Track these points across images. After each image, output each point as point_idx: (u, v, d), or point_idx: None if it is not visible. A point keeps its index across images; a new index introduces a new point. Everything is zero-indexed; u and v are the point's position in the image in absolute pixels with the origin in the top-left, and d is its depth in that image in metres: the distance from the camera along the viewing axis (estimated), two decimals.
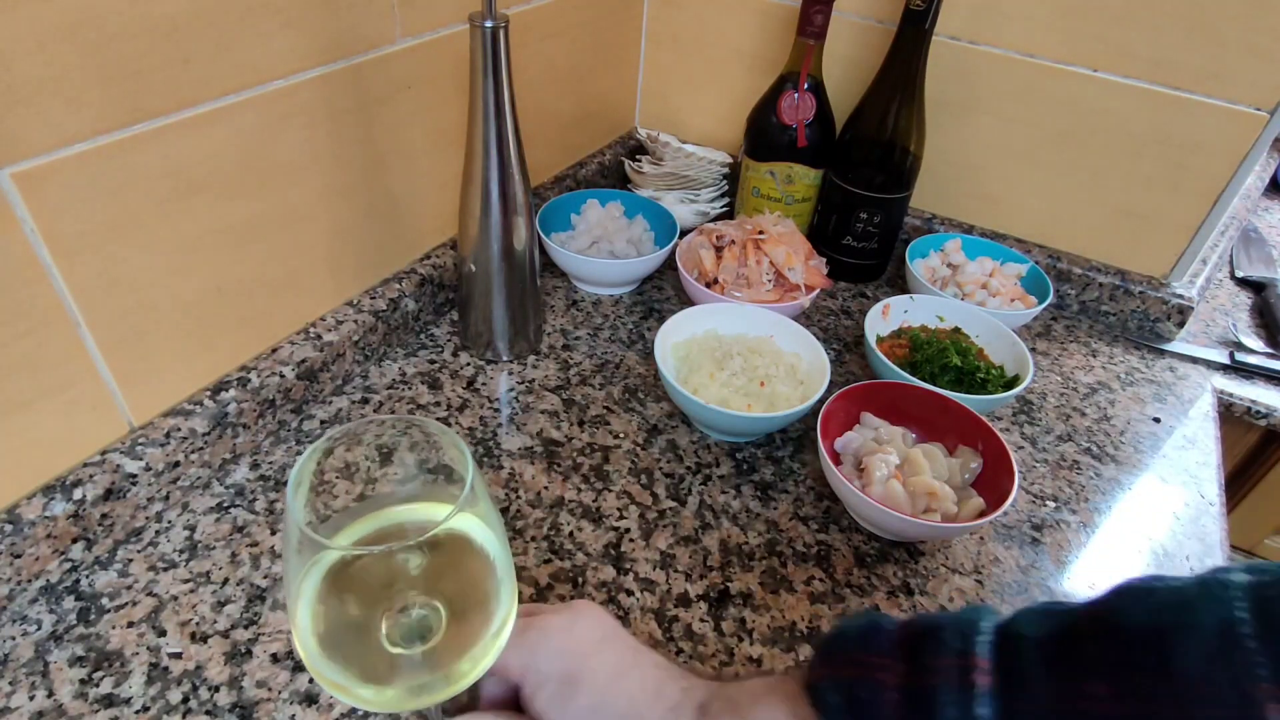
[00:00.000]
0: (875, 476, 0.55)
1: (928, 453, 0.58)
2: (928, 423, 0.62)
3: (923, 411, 0.62)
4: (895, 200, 0.81)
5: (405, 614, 0.35)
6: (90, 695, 0.44)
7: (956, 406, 0.60)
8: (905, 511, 0.53)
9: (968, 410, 0.60)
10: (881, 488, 0.55)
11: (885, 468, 0.56)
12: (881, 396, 0.62)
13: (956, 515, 0.55)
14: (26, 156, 0.41)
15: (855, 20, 0.84)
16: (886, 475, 0.56)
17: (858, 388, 0.61)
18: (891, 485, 0.55)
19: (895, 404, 0.62)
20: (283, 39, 0.52)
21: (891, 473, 0.56)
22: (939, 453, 0.58)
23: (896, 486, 0.55)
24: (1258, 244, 1.04)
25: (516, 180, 0.62)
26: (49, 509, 0.47)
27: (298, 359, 0.61)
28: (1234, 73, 0.71)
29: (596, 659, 0.37)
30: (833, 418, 0.60)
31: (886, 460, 0.56)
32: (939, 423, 0.61)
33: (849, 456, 0.60)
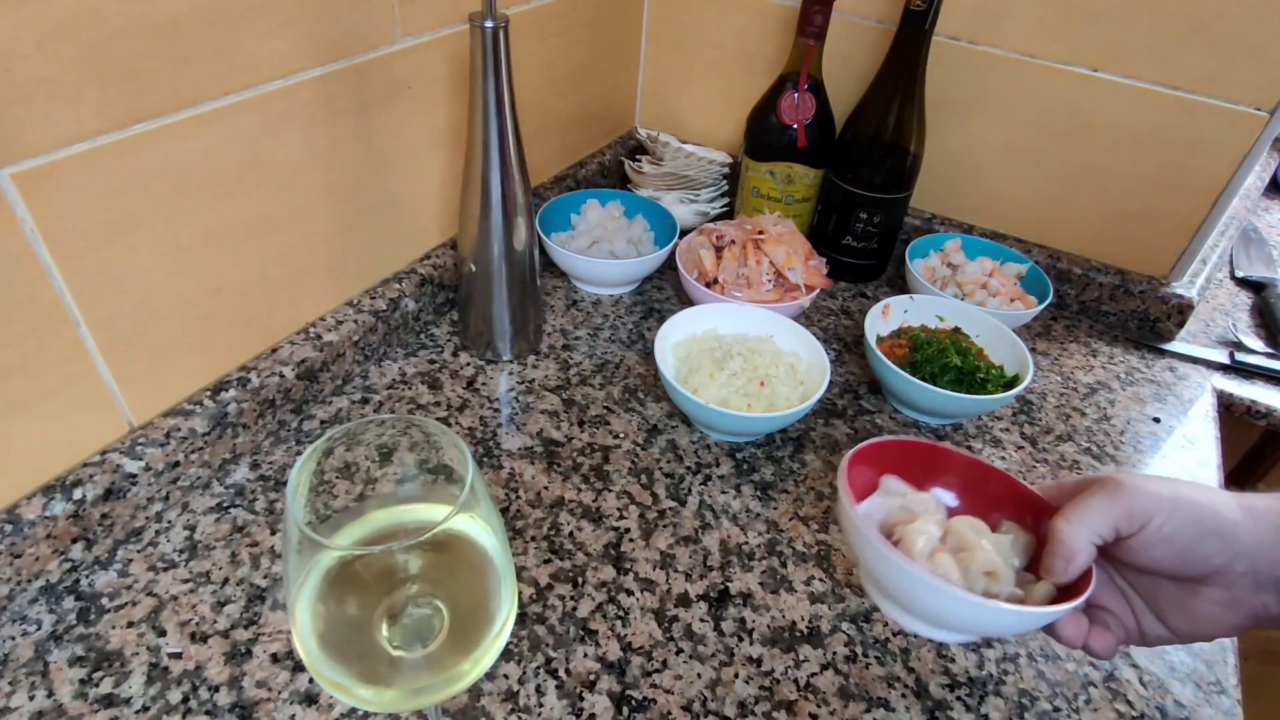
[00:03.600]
0: (916, 549, 0.42)
1: (975, 527, 0.44)
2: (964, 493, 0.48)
3: (957, 479, 0.48)
4: (895, 200, 0.81)
5: (405, 614, 0.35)
6: (90, 695, 0.44)
7: (1000, 475, 0.47)
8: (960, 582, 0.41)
9: (1013, 480, 0.46)
10: (926, 563, 0.42)
11: (926, 540, 0.43)
12: (907, 458, 0.48)
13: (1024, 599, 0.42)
14: (26, 156, 0.41)
15: (855, 20, 0.84)
16: (929, 549, 0.43)
17: (874, 446, 0.47)
18: (940, 560, 0.42)
19: (922, 468, 0.48)
20: (283, 39, 0.52)
21: (935, 546, 0.43)
22: (984, 527, 0.45)
23: (946, 560, 0.42)
24: (1258, 244, 1.04)
25: (516, 180, 0.62)
26: (49, 509, 0.47)
27: (298, 359, 0.61)
28: (1234, 73, 0.71)
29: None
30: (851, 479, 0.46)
31: (926, 531, 0.43)
32: (977, 493, 0.48)
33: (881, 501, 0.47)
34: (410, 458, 0.37)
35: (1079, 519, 0.38)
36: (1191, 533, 0.36)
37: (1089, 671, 0.51)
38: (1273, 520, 0.36)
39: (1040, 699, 0.49)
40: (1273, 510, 0.36)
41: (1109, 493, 0.38)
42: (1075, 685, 0.50)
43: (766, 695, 0.48)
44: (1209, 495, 0.37)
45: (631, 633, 0.50)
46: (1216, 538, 0.36)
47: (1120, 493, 0.37)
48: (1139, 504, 0.37)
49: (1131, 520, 0.37)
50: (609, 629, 0.50)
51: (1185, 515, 0.36)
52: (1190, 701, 0.50)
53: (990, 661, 0.51)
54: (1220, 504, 0.37)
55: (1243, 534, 0.36)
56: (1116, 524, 0.38)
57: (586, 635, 0.50)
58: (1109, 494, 0.38)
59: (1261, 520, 0.36)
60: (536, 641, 0.49)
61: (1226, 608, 0.38)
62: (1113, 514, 0.37)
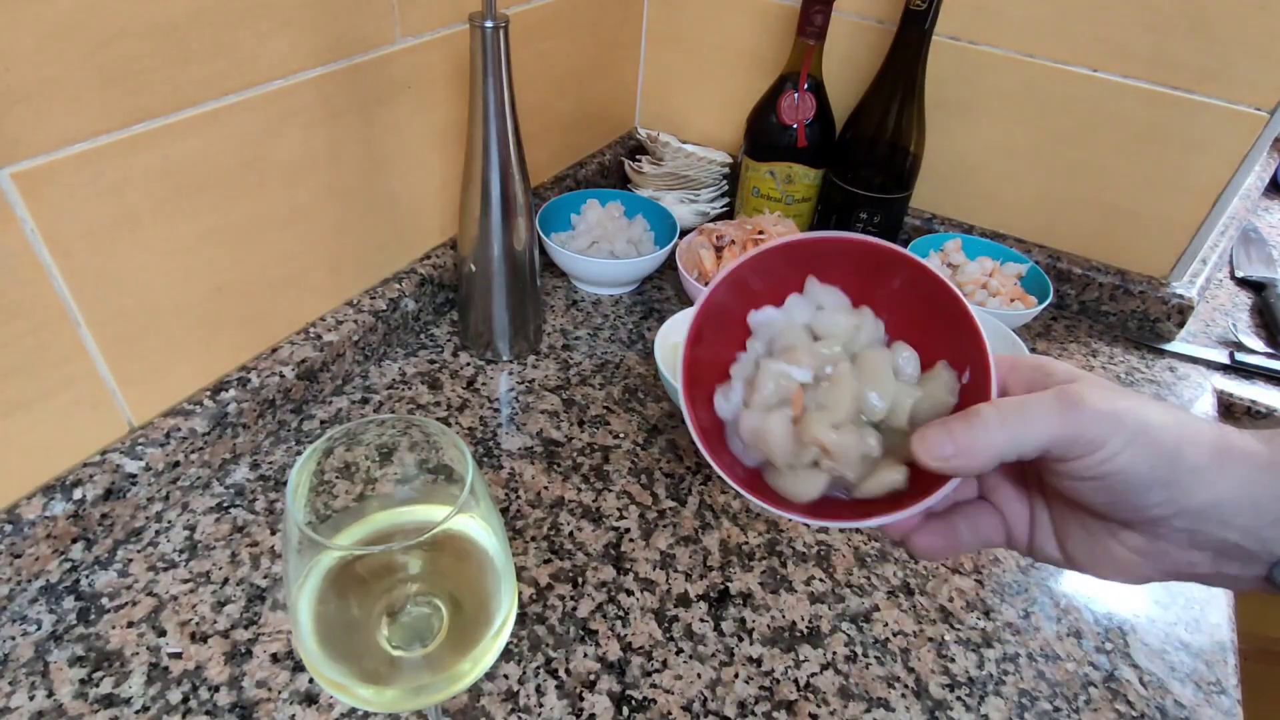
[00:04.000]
0: (757, 397, 0.34)
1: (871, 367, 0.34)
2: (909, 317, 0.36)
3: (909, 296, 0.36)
4: (895, 200, 0.81)
5: (405, 614, 0.35)
6: (90, 695, 0.44)
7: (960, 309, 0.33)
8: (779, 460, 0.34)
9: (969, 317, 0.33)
10: (757, 418, 0.34)
11: (777, 391, 0.34)
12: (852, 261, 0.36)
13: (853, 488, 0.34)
14: (26, 156, 0.41)
15: (855, 20, 0.84)
16: (775, 399, 0.34)
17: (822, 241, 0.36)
18: (770, 419, 0.34)
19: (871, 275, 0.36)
20: (282, 39, 0.52)
21: (788, 396, 0.34)
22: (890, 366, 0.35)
23: (776, 422, 0.33)
24: (1258, 244, 1.04)
25: (516, 180, 0.62)
26: (49, 509, 0.47)
27: (298, 359, 0.61)
28: (1234, 73, 0.71)
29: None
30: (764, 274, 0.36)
31: (785, 372, 0.34)
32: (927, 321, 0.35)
33: (757, 348, 0.37)
34: (410, 458, 0.37)
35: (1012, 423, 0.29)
36: (1137, 476, 0.28)
37: (1089, 671, 0.51)
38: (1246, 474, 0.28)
39: (1040, 699, 0.49)
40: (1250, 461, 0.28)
41: (1061, 407, 0.29)
42: (1075, 685, 0.50)
43: (766, 695, 0.48)
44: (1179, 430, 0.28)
45: (631, 633, 0.50)
46: (1165, 488, 0.28)
47: (1074, 412, 0.28)
48: (1092, 429, 0.28)
49: (1071, 447, 0.29)
50: (609, 629, 0.50)
51: (1140, 455, 0.28)
52: (1190, 701, 0.50)
53: (990, 661, 0.51)
54: (1187, 444, 0.28)
55: (1200, 489, 0.28)
56: (1051, 446, 0.29)
57: (586, 635, 0.50)
58: (1060, 408, 0.29)
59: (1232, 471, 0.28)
60: (536, 641, 0.49)
61: (1144, 557, 0.31)
62: (1050, 434, 0.29)
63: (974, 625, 0.53)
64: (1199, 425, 0.29)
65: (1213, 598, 0.57)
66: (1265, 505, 0.28)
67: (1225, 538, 0.29)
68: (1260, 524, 0.28)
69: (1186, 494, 0.29)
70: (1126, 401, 0.29)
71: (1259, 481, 0.28)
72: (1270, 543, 0.29)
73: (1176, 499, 0.29)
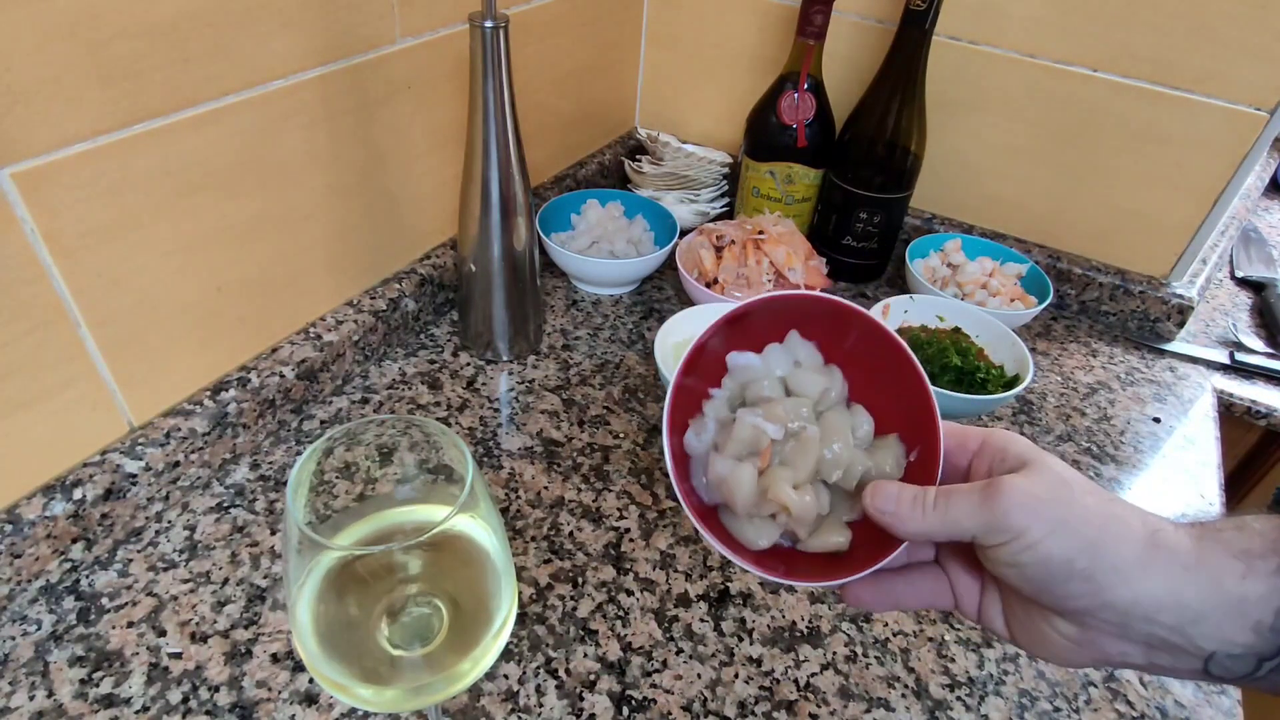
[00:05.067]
0: (731, 445, 0.36)
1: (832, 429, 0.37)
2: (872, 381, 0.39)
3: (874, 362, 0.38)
4: (895, 200, 0.81)
5: (405, 614, 0.35)
6: (90, 695, 0.44)
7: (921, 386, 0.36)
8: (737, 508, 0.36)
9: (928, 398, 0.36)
10: (726, 468, 0.36)
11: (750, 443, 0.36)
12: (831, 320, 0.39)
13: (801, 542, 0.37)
14: (26, 156, 0.41)
15: (855, 20, 0.84)
16: (746, 450, 0.36)
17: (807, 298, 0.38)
18: (739, 473, 0.35)
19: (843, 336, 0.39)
20: (282, 39, 0.52)
21: (758, 449, 0.36)
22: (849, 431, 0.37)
23: (744, 476, 0.35)
24: (1258, 244, 1.04)
25: (516, 180, 0.62)
26: (49, 509, 0.47)
27: (298, 359, 0.61)
28: (1234, 73, 0.71)
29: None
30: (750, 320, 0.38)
31: (761, 428, 0.36)
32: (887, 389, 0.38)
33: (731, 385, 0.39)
34: (410, 458, 0.37)
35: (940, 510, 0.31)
36: (1056, 567, 0.29)
37: (1089, 672, 0.51)
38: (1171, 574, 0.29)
39: (1040, 699, 0.49)
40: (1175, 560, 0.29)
41: (982, 498, 0.30)
42: (1075, 685, 0.50)
43: (766, 695, 0.48)
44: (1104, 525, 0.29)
45: (631, 633, 0.50)
46: (1086, 581, 0.29)
47: (993, 502, 0.30)
48: (1010, 519, 0.29)
49: (992, 535, 0.30)
50: (609, 629, 0.50)
51: (1058, 548, 0.29)
52: (1190, 701, 0.50)
53: (990, 661, 0.51)
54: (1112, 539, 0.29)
55: (1123, 588, 0.29)
56: (974, 534, 0.31)
57: (586, 635, 0.50)
58: (981, 499, 0.30)
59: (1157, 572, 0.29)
60: (536, 641, 0.49)
61: (1076, 645, 0.31)
62: (972, 525, 0.31)
63: (974, 625, 0.53)
64: (1128, 521, 0.30)
65: None
66: (1189, 604, 0.28)
67: (1153, 633, 0.29)
68: (1185, 622, 0.29)
69: (1109, 589, 0.29)
70: (1055, 494, 0.30)
71: (1183, 581, 0.29)
72: (1198, 639, 0.29)
73: (1098, 593, 0.29)
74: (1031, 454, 0.32)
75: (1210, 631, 0.29)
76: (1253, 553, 0.29)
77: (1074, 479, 0.31)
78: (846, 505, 0.37)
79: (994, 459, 0.33)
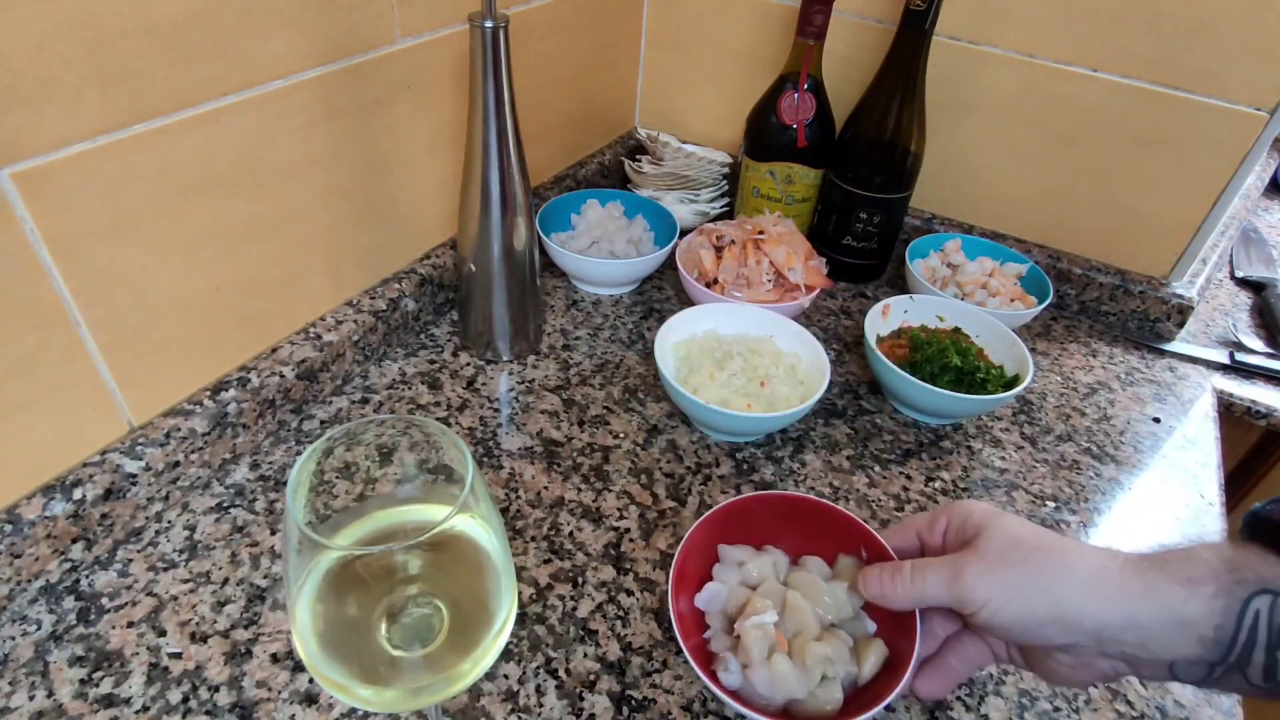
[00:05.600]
0: (754, 656, 0.42)
1: (807, 587, 0.46)
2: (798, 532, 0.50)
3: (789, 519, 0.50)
4: (895, 200, 0.81)
5: (405, 614, 0.35)
6: (90, 695, 0.44)
7: (825, 508, 0.49)
8: (800, 692, 0.42)
9: (838, 512, 0.48)
10: (765, 671, 0.42)
11: (762, 641, 0.43)
12: (736, 517, 0.50)
13: (858, 677, 0.43)
14: (26, 156, 0.41)
15: (855, 20, 0.84)
16: (767, 650, 0.43)
17: (712, 516, 0.49)
18: (777, 665, 0.42)
19: (758, 520, 0.50)
20: (282, 39, 0.52)
21: (772, 641, 0.43)
22: (819, 578, 0.46)
23: (783, 665, 0.42)
24: (1258, 244, 1.04)
25: (516, 180, 0.62)
26: (49, 509, 0.47)
27: (298, 359, 0.61)
28: (1234, 73, 0.71)
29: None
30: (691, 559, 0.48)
31: (762, 625, 0.43)
32: (810, 529, 0.49)
33: (717, 619, 0.46)
34: (410, 458, 0.37)
35: (917, 582, 0.40)
36: (1025, 621, 0.37)
37: None
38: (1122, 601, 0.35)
39: (1040, 699, 0.49)
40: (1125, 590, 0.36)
41: (949, 577, 0.39)
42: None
43: None
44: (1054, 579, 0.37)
45: (631, 633, 0.50)
46: (1054, 624, 0.36)
47: (956, 583, 0.38)
48: (974, 593, 0.37)
49: (963, 607, 0.38)
50: (609, 629, 0.50)
51: (1020, 606, 0.37)
52: (1190, 702, 0.50)
53: None
54: (1066, 590, 0.36)
55: (1084, 619, 0.36)
56: (949, 604, 0.39)
57: (586, 635, 0.50)
58: (949, 579, 0.39)
59: (1109, 601, 0.35)
60: (536, 641, 0.49)
61: (1077, 669, 0.38)
62: (944, 598, 0.39)
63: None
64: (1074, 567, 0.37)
65: None
66: (1144, 625, 0.35)
67: (1124, 650, 0.36)
68: (1145, 639, 0.35)
69: (1077, 625, 0.36)
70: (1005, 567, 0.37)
71: (1133, 608, 0.35)
72: (1159, 652, 0.35)
73: (1069, 630, 0.36)
74: (986, 520, 0.40)
75: (1166, 646, 0.35)
76: (1195, 580, 0.35)
77: (1023, 537, 0.38)
78: (860, 625, 0.46)
79: (958, 528, 0.41)
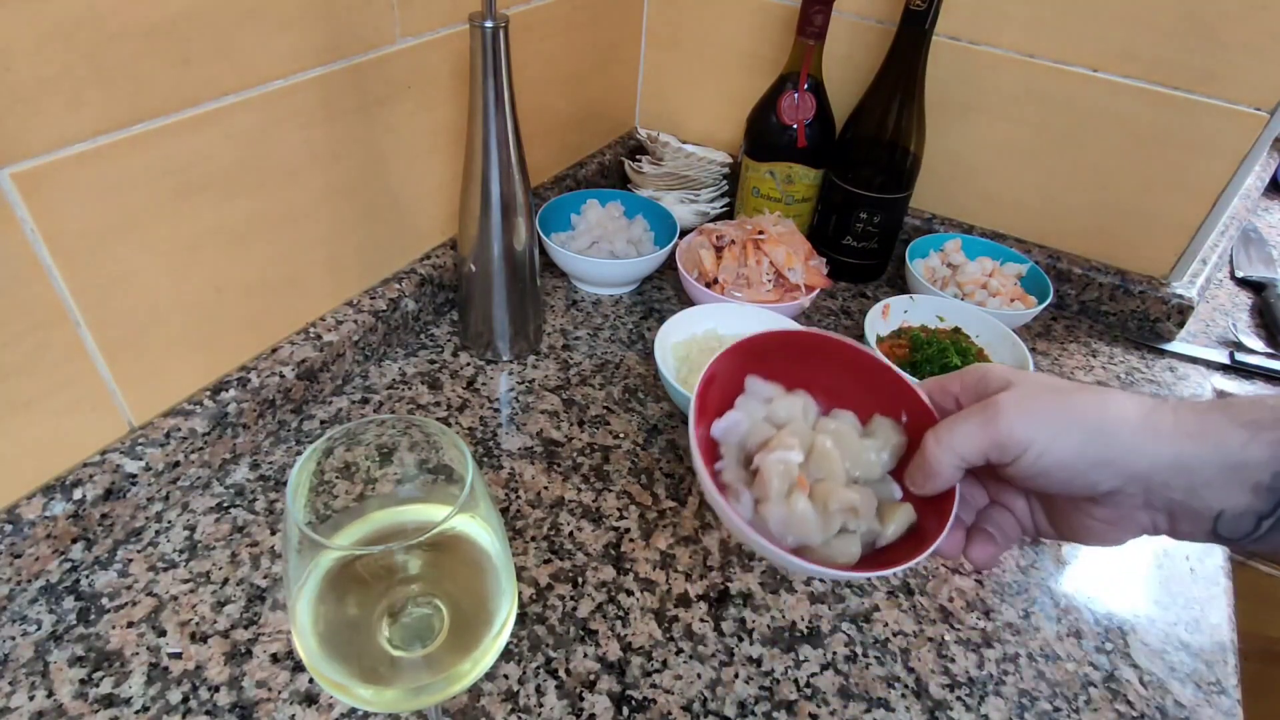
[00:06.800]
0: (772, 490, 0.38)
1: (839, 436, 0.40)
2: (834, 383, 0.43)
3: (826, 366, 0.43)
4: (895, 200, 0.81)
5: (406, 614, 0.35)
6: (90, 695, 0.44)
7: (870, 360, 0.42)
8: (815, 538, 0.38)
9: (884, 365, 0.41)
10: (782, 508, 0.38)
11: (784, 476, 0.38)
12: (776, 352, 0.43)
13: (880, 535, 0.39)
14: (26, 156, 0.41)
15: (855, 20, 0.84)
16: (786, 487, 0.38)
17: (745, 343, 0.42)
18: (796, 504, 0.38)
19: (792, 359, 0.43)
20: (282, 39, 0.52)
21: (794, 480, 0.38)
22: (852, 430, 0.41)
23: (802, 505, 0.38)
24: (1258, 244, 1.04)
25: (516, 180, 0.62)
26: (49, 509, 0.47)
27: (298, 359, 0.61)
28: (1234, 73, 0.71)
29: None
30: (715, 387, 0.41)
31: (786, 462, 0.39)
32: (849, 383, 0.42)
33: (732, 451, 0.42)
34: (410, 458, 0.37)
35: (946, 442, 0.34)
36: (1074, 463, 0.33)
37: (1089, 671, 0.51)
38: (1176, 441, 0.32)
39: (1040, 699, 0.49)
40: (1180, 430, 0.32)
41: (983, 419, 0.33)
42: (1075, 685, 0.50)
43: (766, 695, 0.48)
44: (1103, 413, 0.33)
45: (631, 633, 0.50)
46: (1105, 466, 0.32)
47: (994, 420, 0.33)
48: (1015, 433, 0.33)
49: (1004, 452, 0.33)
50: (609, 629, 0.50)
51: (1068, 445, 0.32)
52: (1190, 701, 0.50)
53: (990, 661, 0.51)
54: (1117, 423, 0.32)
55: (1137, 458, 0.32)
56: (986, 453, 0.34)
57: (586, 635, 0.50)
58: (982, 420, 0.33)
59: (1164, 440, 0.32)
60: (536, 641, 0.49)
61: (1112, 525, 0.35)
62: (982, 443, 0.34)
63: (974, 625, 0.53)
64: (1124, 403, 0.33)
65: (1213, 598, 0.57)
66: (1196, 469, 0.32)
67: (1171, 497, 0.33)
68: (1195, 484, 0.32)
69: (1127, 465, 0.32)
70: (1047, 401, 0.33)
71: (1187, 449, 0.32)
72: (1209, 500, 0.32)
73: (1120, 471, 0.33)
74: (1013, 374, 0.35)
75: (1217, 493, 0.32)
76: (1260, 423, 0.31)
77: (1060, 384, 0.34)
78: (888, 490, 0.40)
79: (977, 390, 0.37)
